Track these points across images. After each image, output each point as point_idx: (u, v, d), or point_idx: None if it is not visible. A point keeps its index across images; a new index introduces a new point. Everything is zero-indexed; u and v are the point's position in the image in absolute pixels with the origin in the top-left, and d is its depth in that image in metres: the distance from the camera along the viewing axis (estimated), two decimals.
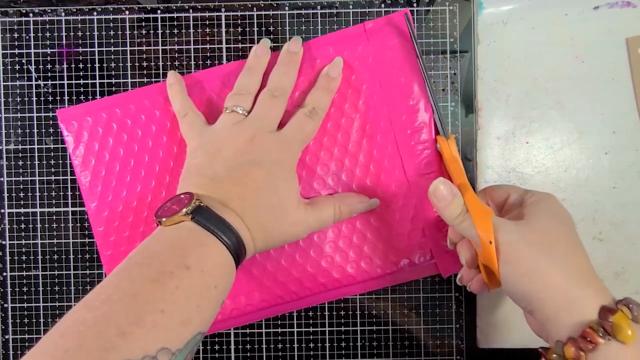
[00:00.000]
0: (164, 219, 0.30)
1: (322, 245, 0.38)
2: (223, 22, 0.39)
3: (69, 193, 0.39)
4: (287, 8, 0.39)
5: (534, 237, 0.29)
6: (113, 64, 0.39)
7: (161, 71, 0.39)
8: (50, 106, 0.39)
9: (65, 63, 0.39)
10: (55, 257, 0.39)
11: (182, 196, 0.31)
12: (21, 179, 0.39)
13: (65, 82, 0.39)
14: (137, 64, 0.39)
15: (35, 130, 0.39)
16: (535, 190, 0.33)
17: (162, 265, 0.27)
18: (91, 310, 0.25)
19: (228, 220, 0.30)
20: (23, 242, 0.39)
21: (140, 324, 0.24)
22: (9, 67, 0.39)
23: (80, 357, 0.23)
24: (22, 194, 0.39)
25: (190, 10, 0.39)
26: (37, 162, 0.39)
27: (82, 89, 0.39)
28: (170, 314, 0.25)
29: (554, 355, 0.28)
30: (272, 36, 0.39)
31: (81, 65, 0.39)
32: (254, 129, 0.33)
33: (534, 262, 0.28)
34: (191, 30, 0.39)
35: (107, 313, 0.25)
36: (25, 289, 0.39)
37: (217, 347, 0.39)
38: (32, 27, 0.39)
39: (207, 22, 0.39)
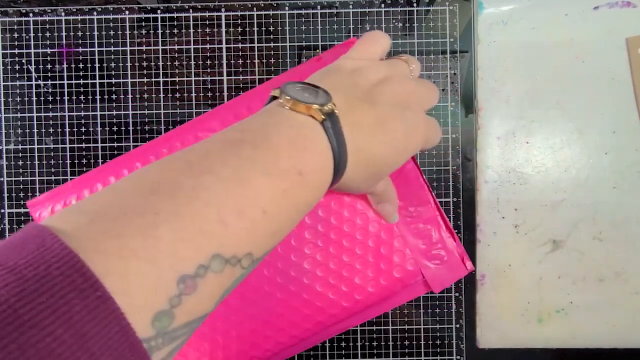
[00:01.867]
0: (291, 101, 0.24)
1: (314, 284, 0.36)
2: (223, 22, 0.39)
3: None
4: (287, 8, 0.39)
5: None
6: (113, 64, 0.39)
7: (161, 71, 0.39)
8: (50, 106, 0.39)
9: (65, 63, 0.39)
10: None
11: (320, 90, 0.26)
12: (21, 179, 0.39)
13: (65, 82, 0.39)
14: (137, 64, 0.39)
15: (35, 130, 0.39)
16: None
17: (277, 157, 0.23)
18: (193, 177, 0.21)
19: (346, 137, 0.25)
20: None
21: (241, 215, 0.21)
22: (9, 67, 0.39)
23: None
24: (22, 194, 0.39)
25: (190, 10, 0.39)
26: (37, 162, 0.39)
27: (82, 89, 0.39)
28: (270, 218, 0.22)
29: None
30: (272, 36, 0.39)
31: (81, 65, 0.39)
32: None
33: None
34: (191, 30, 0.39)
35: (206, 187, 0.21)
36: None
37: None
38: (32, 27, 0.39)
39: (207, 22, 0.39)
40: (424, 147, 0.30)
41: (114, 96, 0.39)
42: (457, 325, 0.39)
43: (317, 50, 0.39)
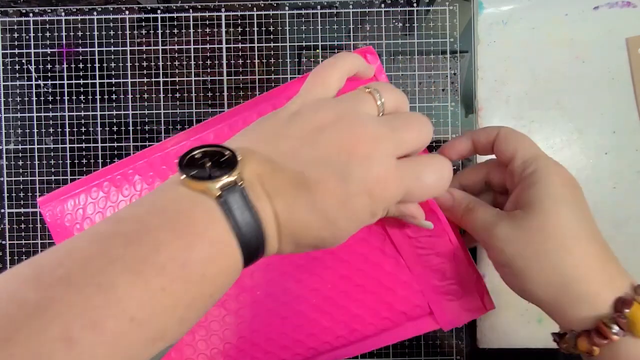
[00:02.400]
0: (184, 177, 0.21)
1: (308, 313, 0.34)
2: (223, 22, 0.39)
3: None
4: (287, 8, 0.39)
5: (536, 233, 0.26)
6: (113, 64, 0.39)
7: (161, 71, 0.39)
8: (50, 106, 0.39)
9: (65, 63, 0.39)
10: None
11: (227, 153, 0.22)
12: (21, 179, 0.39)
13: (65, 82, 0.39)
14: (137, 64, 0.39)
15: (35, 130, 0.39)
16: (541, 155, 0.29)
17: (155, 250, 0.19)
18: (38, 289, 0.17)
19: (259, 209, 0.21)
20: (23, 242, 0.39)
21: (96, 330, 0.17)
22: (9, 67, 0.39)
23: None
24: (22, 194, 0.39)
25: (190, 10, 0.39)
26: (37, 162, 0.39)
27: (82, 89, 0.39)
28: (142, 325, 0.18)
29: (565, 345, 0.26)
30: (272, 36, 0.39)
31: (81, 65, 0.39)
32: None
33: (533, 262, 0.26)
34: (191, 30, 0.39)
35: (55, 300, 0.17)
36: None
37: None
38: (32, 27, 0.39)
39: (207, 22, 0.39)
40: (411, 199, 0.25)
41: (114, 96, 0.39)
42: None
43: (317, 50, 0.39)
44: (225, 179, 0.21)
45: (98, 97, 0.39)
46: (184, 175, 0.21)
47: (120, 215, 0.21)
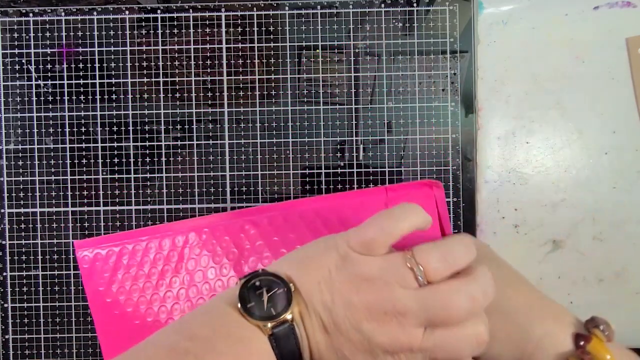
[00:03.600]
0: (243, 312, 0.24)
1: None
2: (223, 22, 0.39)
3: (69, 193, 0.39)
4: (287, 8, 0.39)
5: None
6: (113, 64, 0.39)
7: (161, 71, 0.39)
8: (50, 106, 0.39)
9: (65, 63, 0.39)
10: (55, 257, 0.39)
11: (282, 289, 0.24)
12: (21, 179, 0.39)
13: (65, 82, 0.39)
14: (137, 64, 0.39)
15: (35, 130, 0.39)
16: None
17: None
18: None
19: (300, 346, 0.24)
20: (23, 242, 0.39)
21: None
22: (9, 67, 0.39)
23: None
24: (22, 194, 0.39)
25: (190, 10, 0.39)
26: (37, 162, 0.39)
27: (82, 89, 0.39)
28: None
29: None
30: (272, 36, 0.39)
31: (81, 65, 0.39)
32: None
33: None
34: (191, 30, 0.39)
35: None
36: (25, 289, 0.39)
37: None
38: (32, 27, 0.39)
39: (207, 22, 0.39)
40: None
41: (114, 96, 0.39)
42: None
43: (317, 50, 0.39)
44: (281, 318, 0.24)
45: (98, 97, 0.39)
46: (242, 309, 0.24)
47: (192, 331, 0.24)
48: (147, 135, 0.39)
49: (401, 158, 0.39)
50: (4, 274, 0.39)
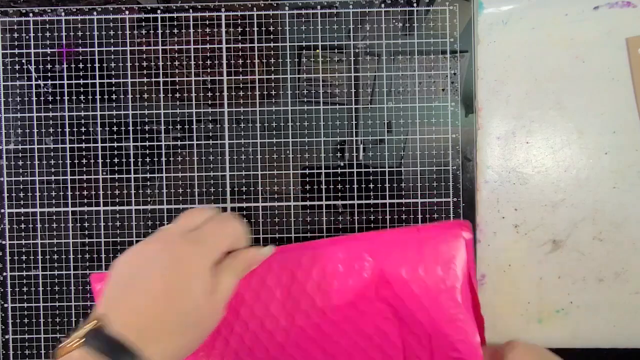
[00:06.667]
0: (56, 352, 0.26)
1: None
2: (223, 22, 0.39)
3: (69, 193, 0.39)
4: (287, 8, 0.39)
5: None
6: (113, 64, 0.39)
7: (161, 71, 0.39)
8: (50, 106, 0.39)
9: (65, 63, 0.39)
10: (55, 257, 0.39)
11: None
12: (21, 179, 0.39)
13: (65, 82, 0.39)
14: (137, 64, 0.39)
15: (35, 130, 0.39)
16: (516, 344, 0.32)
17: None
18: None
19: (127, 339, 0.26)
20: (23, 242, 0.39)
21: None
22: (9, 67, 0.39)
23: None
24: (22, 194, 0.39)
25: (190, 10, 0.39)
26: (37, 162, 0.39)
27: (82, 89, 0.39)
28: None
29: None
30: (272, 36, 0.39)
31: (81, 65, 0.39)
32: None
33: None
34: (191, 30, 0.39)
35: None
36: (25, 289, 0.39)
37: None
38: (32, 27, 0.39)
39: (207, 22, 0.39)
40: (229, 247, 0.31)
41: (114, 96, 0.39)
42: None
43: (317, 50, 0.39)
44: (83, 328, 0.26)
45: (98, 97, 0.39)
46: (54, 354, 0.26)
47: None
48: (147, 135, 0.39)
49: (401, 158, 0.39)
50: (4, 274, 0.39)
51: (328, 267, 0.33)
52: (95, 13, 0.39)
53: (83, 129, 0.39)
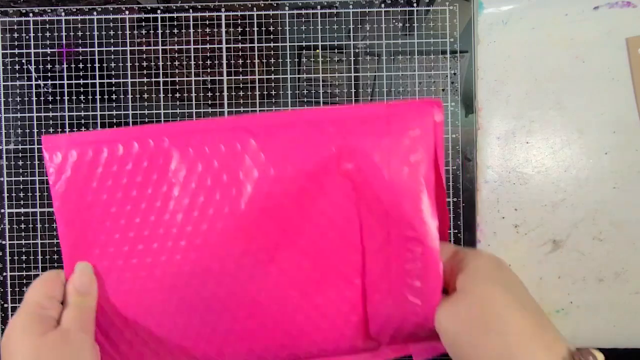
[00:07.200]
0: None
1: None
2: (223, 22, 0.39)
3: None
4: (287, 8, 0.39)
5: (473, 315, 0.27)
6: (113, 64, 0.39)
7: (161, 71, 0.39)
8: (50, 106, 0.39)
9: (65, 63, 0.39)
10: (55, 257, 0.39)
11: None
12: (21, 179, 0.39)
13: (65, 82, 0.39)
14: (137, 64, 0.39)
15: (35, 130, 0.39)
16: (467, 249, 0.31)
17: None
18: None
19: None
20: (23, 242, 0.39)
21: None
22: (9, 67, 0.39)
23: None
24: (22, 194, 0.39)
25: (190, 10, 0.39)
26: (37, 162, 0.39)
27: (82, 89, 0.39)
28: None
29: None
30: (272, 36, 0.39)
31: (81, 65, 0.39)
32: None
33: (476, 342, 0.27)
34: (191, 30, 0.39)
35: None
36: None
37: None
38: (32, 27, 0.39)
39: (207, 22, 0.39)
40: None
41: (114, 96, 0.39)
42: None
43: (317, 50, 0.39)
44: None
45: (98, 97, 0.39)
46: None
47: None
48: None
49: None
50: (4, 274, 0.39)
51: (288, 134, 0.31)
52: (95, 13, 0.39)
53: (83, 129, 0.39)
